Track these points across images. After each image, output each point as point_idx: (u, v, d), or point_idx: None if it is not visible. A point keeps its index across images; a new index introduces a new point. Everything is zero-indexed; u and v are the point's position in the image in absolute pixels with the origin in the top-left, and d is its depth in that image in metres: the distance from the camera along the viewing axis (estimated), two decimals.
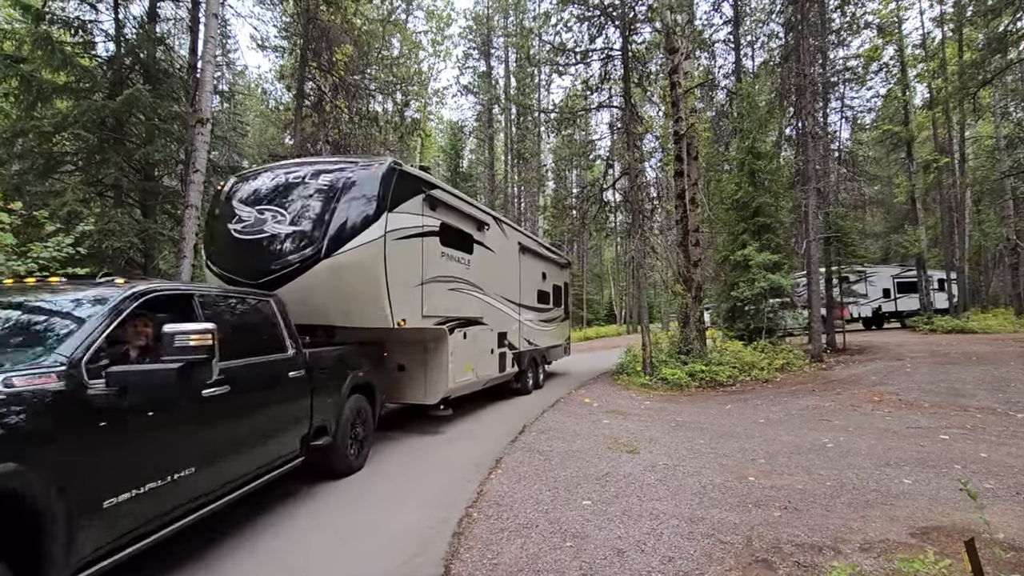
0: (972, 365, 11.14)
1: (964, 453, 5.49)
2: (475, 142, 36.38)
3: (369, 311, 5.32)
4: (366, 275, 5.18)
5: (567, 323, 13.53)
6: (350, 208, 5.25)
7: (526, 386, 10.05)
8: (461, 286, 7.03)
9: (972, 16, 18.17)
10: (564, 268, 13.10)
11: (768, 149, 15.67)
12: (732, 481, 4.80)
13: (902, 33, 23.46)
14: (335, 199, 5.32)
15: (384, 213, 5.25)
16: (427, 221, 6.05)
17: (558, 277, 12.43)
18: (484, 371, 7.87)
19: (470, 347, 7.26)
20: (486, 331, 7.88)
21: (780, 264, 14.12)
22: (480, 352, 7.66)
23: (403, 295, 5.51)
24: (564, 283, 13.06)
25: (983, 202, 28.20)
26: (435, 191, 6.31)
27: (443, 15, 27.70)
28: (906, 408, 7.88)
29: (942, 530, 3.59)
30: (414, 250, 5.80)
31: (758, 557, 3.25)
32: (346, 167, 5.55)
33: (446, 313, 6.56)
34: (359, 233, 5.13)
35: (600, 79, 14.42)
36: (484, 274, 7.80)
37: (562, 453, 5.81)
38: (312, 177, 5.54)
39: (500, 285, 8.54)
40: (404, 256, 5.57)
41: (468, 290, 7.26)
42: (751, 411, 8.36)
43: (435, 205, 6.24)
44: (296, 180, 5.60)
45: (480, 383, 7.94)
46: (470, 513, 4.10)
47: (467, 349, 7.16)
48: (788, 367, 12.31)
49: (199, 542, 3.51)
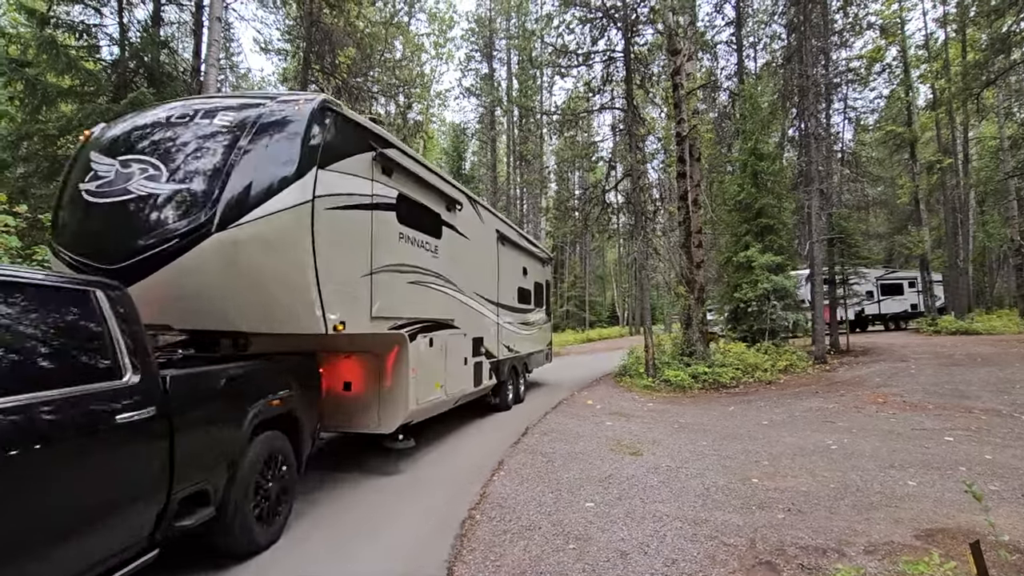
0: (977, 366, 11.09)
1: (969, 455, 5.46)
2: (477, 144, 36.44)
3: (288, 310, 3.80)
4: (282, 257, 3.67)
5: (549, 326, 12.36)
6: (260, 160, 3.77)
7: (505, 401, 8.64)
8: (426, 279, 5.53)
9: (975, 17, 18.11)
10: (546, 264, 11.89)
11: (771, 150, 15.67)
12: (735, 483, 4.78)
13: (905, 34, 23.44)
14: (237, 147, 3.80)
15: (312, 170, 3.74)
16: (379, 190, 4.62)
17: (540, 274, 11.17)
18: (456, 386, 6.38)
19: (438, 357, 5.81)
20: (458, 336, 6.43)
21: (783, 265, 14.10)
22: (451, 363, 6.18)
23: (342, 288, 4.02)
24: (546, 281, 11.90)
25: (987, 203, 28.13)
26: (390, 150, 4.85)
27: (445, 18, 27.80)
28: (910, 410, 7.85)
29: (947, 532, 3.57)
30: (359, 227, 4.31)
31: (762, 559, 3.24)
32: (257, 103, 4.06)
33: (406, 314, 5.07)
34: (273, 196, 3.61)
35: (602, 81, 14.44)
36: (456, 266, 6.35)
37: (565, 455, 5.81)
38: (206, 117, 4.05)
39: (475, 280, 7.16)
40: (343, 233, 4.09)
41: (435, 285, 5.77)
42: (754, 413, 8.33)
43: (390, 169, 4.82)
44: (182, 121, 4.09)
45: (451, 401, 6.43)
46: (472, 515, 4.10)
47: (434, 360, 5.69)
48: (791, 368, 12.28)
49: None
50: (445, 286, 6.04)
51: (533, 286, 10.42)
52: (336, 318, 3.90)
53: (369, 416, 5.11)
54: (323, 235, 3.77)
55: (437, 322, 5.78)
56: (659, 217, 17.33)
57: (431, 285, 5.67)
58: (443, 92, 31.37)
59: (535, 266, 10.68)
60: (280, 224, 3.63)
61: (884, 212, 30.78)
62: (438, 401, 5.87)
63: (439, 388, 5.82)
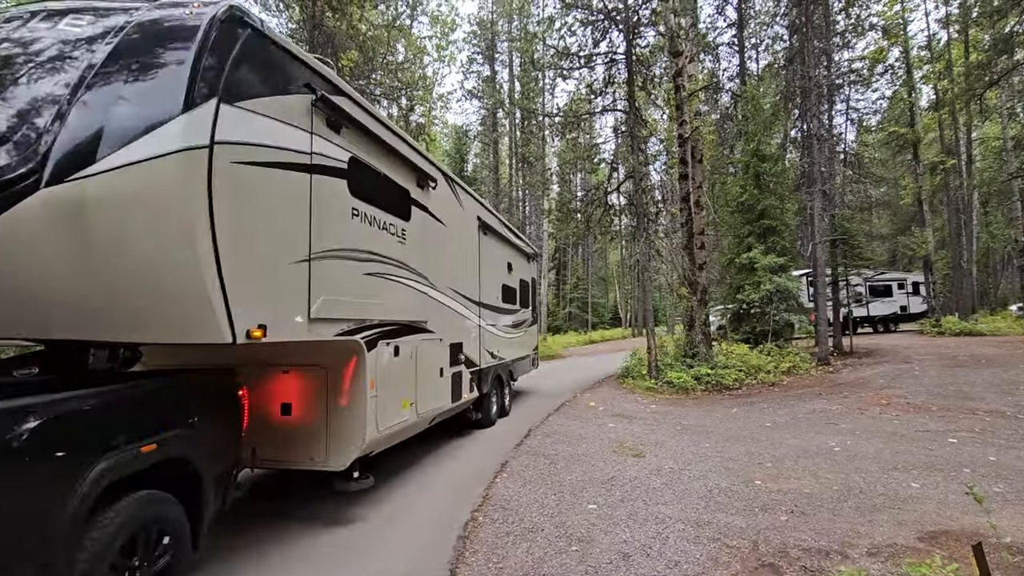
0: (981, 368, 11.05)
1: (973, 457, 5.44)
2: (480, 146, 36.50)
3: (170, 308, 2.64)
4: (157, 226, 2.52)
5: (535, 328, 11.30)
6: (126, 84, 2.63)
7: (488, 415, 7.53)
8: (390, 271, 4.40)
9: (978, 17, 18.10)
10: (532, 260, 10.86)
11: (773, 151, 15.68)
12: (738, 485, 4.78)
13: (907, 35, 23.40)
14: (90, 65, 2.68)
15: (210, 104, 2.58)
16: (324, 148, 3.49)
17: (526, 270, 10.10)
18: (430, 404, 5.26)
19: (406, 369, 4.71)
20: (432, 343, 5.31)
21: (786, 267, 14.10)
22: (423, 376, 5.07)
23: (261, 277, 2.90)
24: (532, 279, 10.83)
25: (991, 204, 28.04)
26: (340, 98, 3.72)
27: (448, 20, 27.82)
28: (914, 411, 7.83)
29: (950, 534, 3.56)
30: (291, 194, 3.15)
31: (764, 561, 3.24)
32: (128, 6, 2.92)
33: (362, 315, 3.92)
34: (142, 136, 2.48)
35: (604, 83, 14.45)
36: (430, 256, 5.25)
37: (567, 457, 5.81)
38: (47, 21, 2.94)
39: (453, 275, 6.05)
40: (265, 200, 2.94)
41: (403, 278, 4.64)
42: (757, 415, 8.32)
43: (339, 123, 3.66)
44: (16, 24, 2.99)
45: (424, 422, 5.31)
46: (475, 517, 4.11)
47: (401, 373, 4.61)
48: (795, 370, 12.26)
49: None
50: (415, 280, 4.91)
51: (518, 284, 9.40)
52: (251, 320, 2.70)
53: (314, 448, 3.92)
54: (229, 199, 2.60)
55: (405, 325, 4.67)
56: (661, 219, 17.33)
57: (397, 278, 4.54)
58: (445, 94, 31.41)
59: (520, 261, 9.66)
60: (153, 177, 2.44)
61: (887, 213, 30.67)
62: (406, 424, 4.71)
63: (408, 408, 4.69)
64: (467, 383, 6.46)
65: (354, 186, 3.86)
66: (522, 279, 9.67)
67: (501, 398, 8.28)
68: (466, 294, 6.54)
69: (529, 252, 10.46)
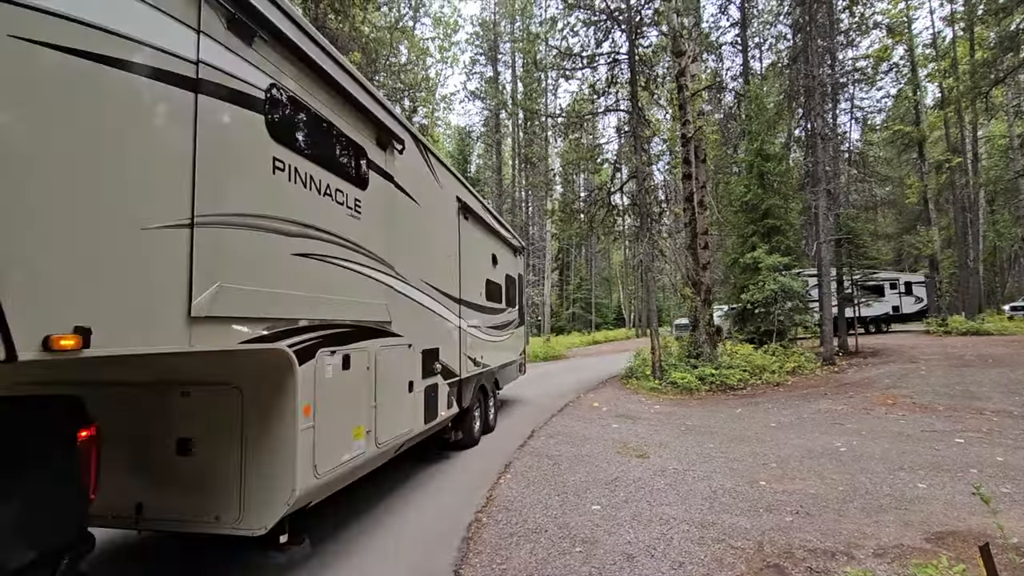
0: (988, 367, 10.97)
1: (980, 457, 5.40)
2: (483, 147, 36.56)
3: None
4: None
5: (523, 330, 10.19)
6: None
7: (471, 434, 6.46)
8: (337, 253, 3.33)
9: (983, 15, 18.00)
10: (518, 254, 9.72)
11: (777, 151, 15.63)
12: (743, 486, 4.76)
13: (912, 33, 23.33)
14: None
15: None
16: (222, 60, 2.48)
17: (512, 265, 9.01)
18: (395, 429, 4.10)
19: (362, 385, 3.61)
20: (399, 349, 4.23)
21: (790, 266, 14.04)
22: (387, 392, 3.95)
23: (82, 244, 1.83)
24: (518, 275, 9.68)
25: (997, 202, 27.85)
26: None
27: (450, 21, 27.89)
28: (920, 411, 7.78)
29: (957, 535, 3.54)
30: (151, 111, 2.13)
31: (770, 562, 3.22)
32: None
33: (289, 311, 2.85)
34: None
35: (607, 83, 14.45)
36: (397, 239, 4.20)
37: (571, 458, 5.81)
38: None
39: (428, 266, 5.03)
40: (89, 109, 1.87)
41: (357, 264, 3.58)
42: (762, 415, 8.29)
43: (250, 30, 2.66)
44: None
45: (387, 453, 4.12)
46: (479, 518, 4.11)
47: (354, 391, 3.51)
48: (799, 370, 12.21)
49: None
50: (376, 269, 3.83)
51: (504, 280, 8.30)
52: (54, 320, 1.72)
53: (222, 503, 2.86)
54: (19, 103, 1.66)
55: (360, 327, 3.57)
56: (665, 219, 17.28)
57: (348, 264, 3.43)
58: (448, 96, 31.50)
59: (506, 255, 8.56)
60: None
61: (892, 212, 30.54)
62: (360, 460, 3.52)
63: (362, 437, 3.55)
64: (445, 397, 5.40)
65: (277, 128, 2.80)
66: (508, 274, 8.62)
67: (485, 411, 7.22)
68: (443, 289, 5.47)
69: (515, 245, 9.39)
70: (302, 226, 2.96)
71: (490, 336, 7.36)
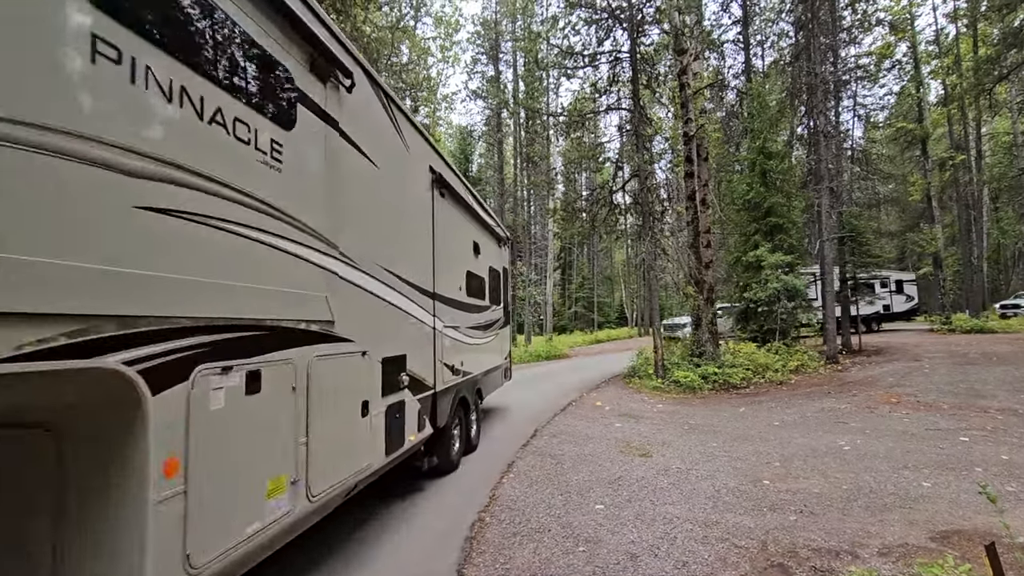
0: (992, 365, 10.93)
1: (985, 455, 5.38)
2: (484, 146, 36.53)
3: None
4: None
5: (508, 331, 9.02)
6: None
7: (448, 457, 5.31)
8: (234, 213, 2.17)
9: (986, 11, 17.92)
10: (503, 245, 8.42)
11: (779, 149, 15.57)
12: (746, 485, 4.75)
13: (915, 29, 23.21)
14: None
15: None
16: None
17: (496, 258, 7.81)
18: (340, 471, 3.00)
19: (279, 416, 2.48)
20: (347, 359, 3.10)
21: (793, 265, 14.00)
22: (326, 421, 2.84)
23: None
24: (503, 268, 8.37)
25: (1001, 199, 27.77)
26: None
27: (451, 21, 27.91)
28: (924, 410, 7.75)
29: (963, 534, 3.52)
30: None
31: (774, 562, 3.22)
32: None
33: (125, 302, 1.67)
34: None
35: (608, 81, 14.44)
36: (342, 208, 3.09)
37: (574, 457, 5.80)
38: None
39: (390, 248, 3.86)
40: None
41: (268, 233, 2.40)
42: (765, 414, 8.27)
43: None
44: None
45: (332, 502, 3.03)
46: (482, 518, 4.11)
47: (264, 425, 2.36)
48: (803, 369, 12.18)
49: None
50: (305, 244, 2.70)
51: (488, 273, 7.17)
52: None
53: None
54: None
55: (277, 328, 2.48)
56: (667, 217, 17.27)
57: (252, 233, 2.30)
58: (450, 95, 31.51)
59: (490, 244, 7.42)
60: None
61: (896, 210, 30.41)
62: (284, 523, 2.46)
63: (283, 492, 2.45)
64: (414, 417, 4.22)
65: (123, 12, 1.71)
66: (492, 267, 7.47)
67: (466, 428, 6.01)
68: (412, 281, 4.28)
69: (500, 235, 8.15)
70: (159, 162, 1.82)
71: (472, 338, 6.22)
